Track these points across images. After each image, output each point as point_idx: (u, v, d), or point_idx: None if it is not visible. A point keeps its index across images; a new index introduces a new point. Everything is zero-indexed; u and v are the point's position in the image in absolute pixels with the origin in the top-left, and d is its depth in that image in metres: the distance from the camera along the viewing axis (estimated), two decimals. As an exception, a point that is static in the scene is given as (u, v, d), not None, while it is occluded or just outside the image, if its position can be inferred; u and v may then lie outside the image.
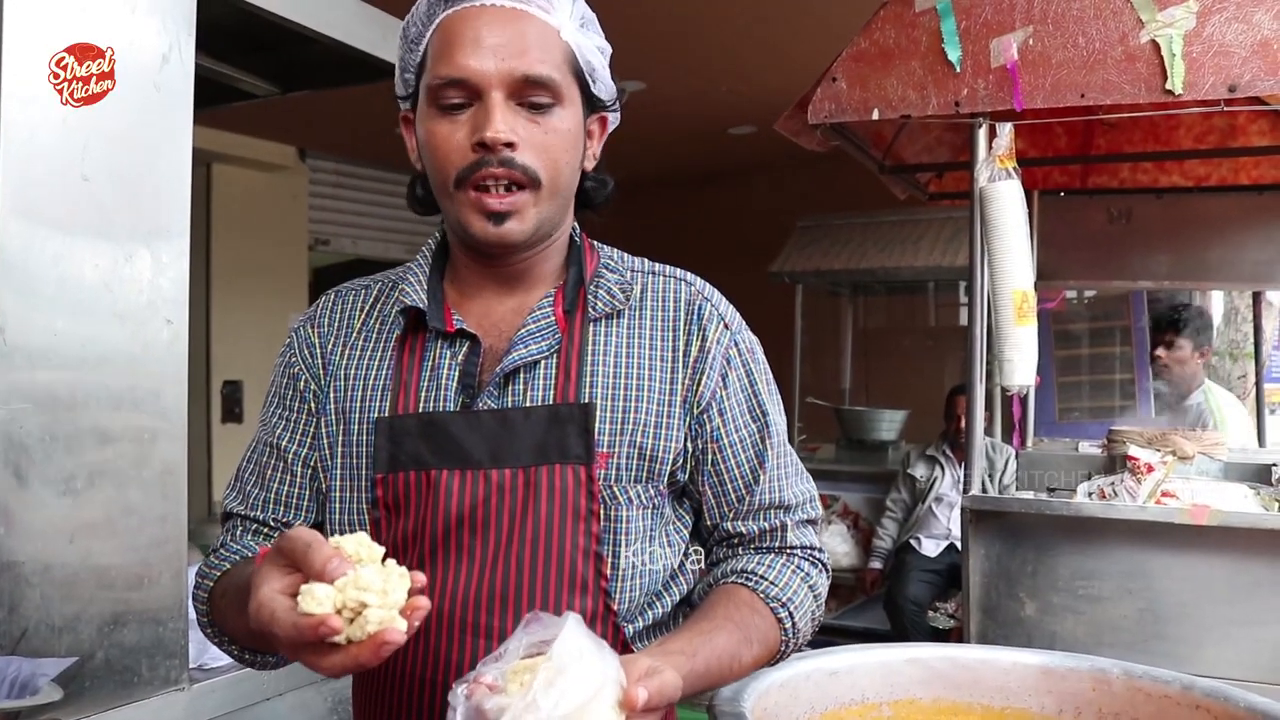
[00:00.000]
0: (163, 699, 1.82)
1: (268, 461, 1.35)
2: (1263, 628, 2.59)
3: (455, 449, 1.22)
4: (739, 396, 1.33)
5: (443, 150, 1.21)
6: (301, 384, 1.34)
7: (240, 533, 1.35)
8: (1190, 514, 2.50)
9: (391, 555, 1.22)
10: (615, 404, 1.25)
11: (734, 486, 1.33)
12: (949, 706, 1.65)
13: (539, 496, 1.21)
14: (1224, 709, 1.49)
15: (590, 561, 1.23)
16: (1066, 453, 3.74)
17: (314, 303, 1.40)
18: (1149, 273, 4.24)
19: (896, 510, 5.46)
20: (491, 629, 1.19)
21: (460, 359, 1.26)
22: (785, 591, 1.30)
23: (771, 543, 1.35)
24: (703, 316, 1.32)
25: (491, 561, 1.21)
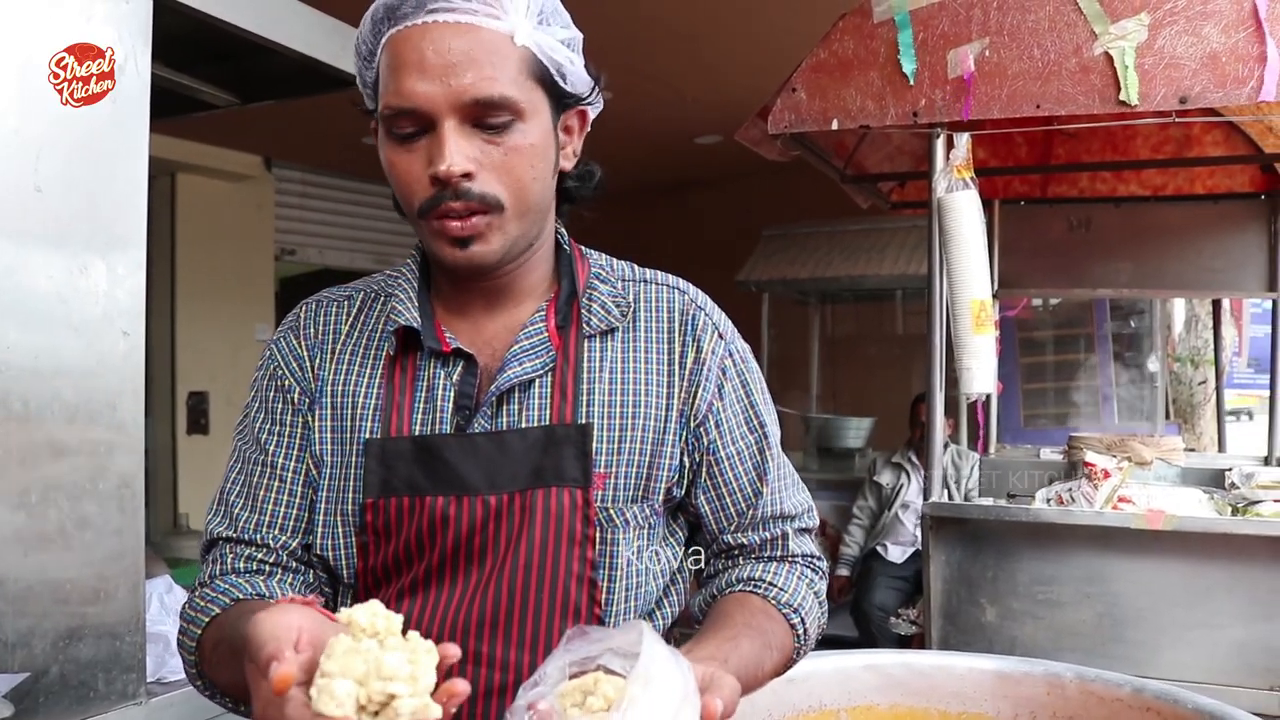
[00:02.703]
0: (119, 714, 1.80)
1: (259, 479, 1.26)
2: (1218, 630, 2.62)
3: (451, 475, 1.17)
4: (735, 408, 1.30)
5: (403, 181, 1.16)
6: (295, 396, 1.26)
7: (231, 560, 1.23)
8: (1146, 519, 2.53)
9: (376, 580, 1.20)
10: (613, 423, 1.22)
11: (734, 500, 1.30)
12: (906, 712, 1.67)
13: (533, 521, 1.17)
14: (1173, 710, 1.52)
15: (584, 587, 1.19)
16: (1028, 459, 3.79)
17: (291, 313, 1.33)
18: (1109, 281, 4.29)
19: (863, 517, 5.49)
20: (480, 655, 1.16)
21: (455, 379, 1.21)
22: (795, 598, 1.29)
23: (774, 552, 1.33)
24: (697, 326, 1.29)
25: (482, 587, 1.17)
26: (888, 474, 5.44)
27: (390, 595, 1.17)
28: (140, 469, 1.86)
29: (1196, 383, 8.40)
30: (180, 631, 1.22)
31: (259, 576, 1.21)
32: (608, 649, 0.97)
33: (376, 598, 1.15)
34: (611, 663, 0.96)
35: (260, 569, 1.22)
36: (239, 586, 1.20)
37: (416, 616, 1.16)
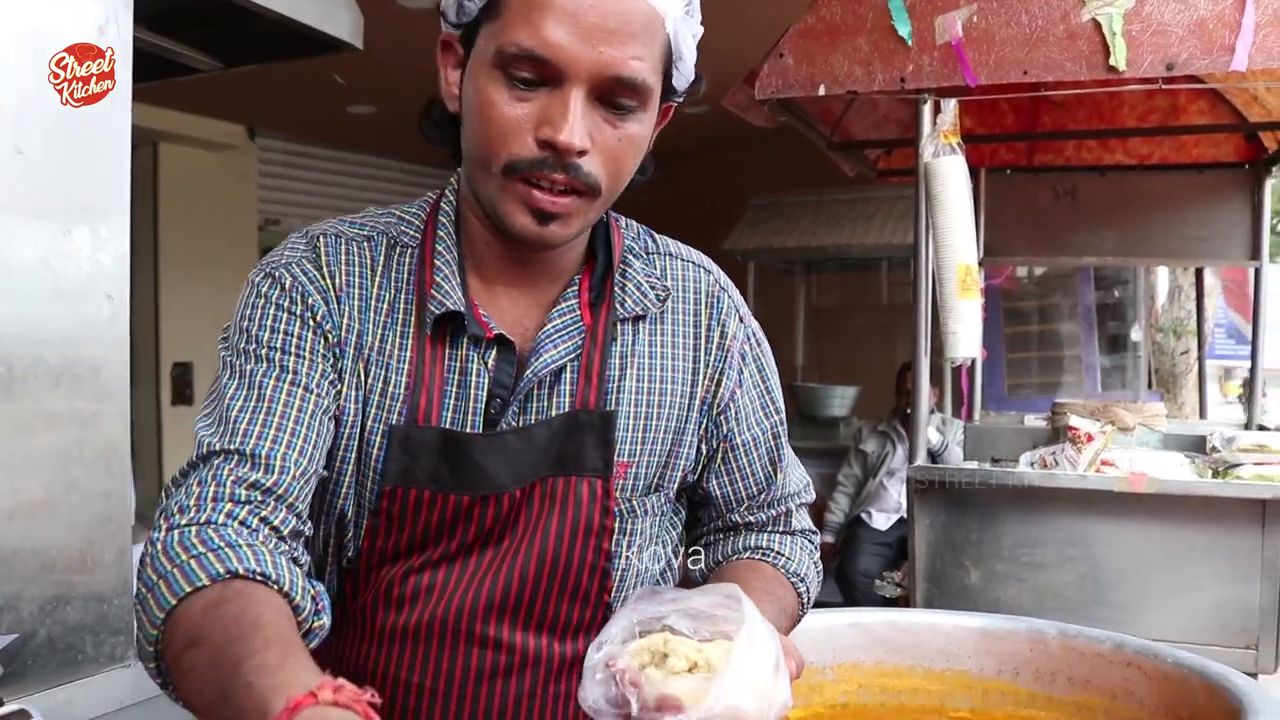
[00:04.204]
0: (107, 676, 1.80)
1: (276, 392, 1.06)
2: (1199, 592, 2.66)
3: (478, 475, 1.11)
4: (753, 393, 1.27)
5: (498, 129, 1.03)
6: (326, 331, 1.11)
7: (230, 484, 0.99)
8: (1128, 482, 2.56)
9: (381, 560, 1.14)
10: (639, 410, 1.17)
11: (746, 485, 1.28)
12: (891, 670, 1.68)
13: (551, 510, 1.14)
14: (1153, 665, 1.54)
15: (596, 576, 1.17)
16: (1012, 426, 3.81)
17: (302, 240, 1.16)
18: (1094, 249, 4.31)
19: (848, 485, 5.52)
20: (487, 638, 1.14)
21: (491, 365, 1.12)
22: (801, 568, 1.30)
23: (777, 527, 1.33)
24: (722, 310, 1.25)
25: (494, 573, 1.13)
26: (873, 442, 5.47)
27: (396, 575, 1.14)
28: (126, 434, 1.85)
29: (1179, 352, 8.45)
30: (146, 586, 0.93)
31: (257, 534, 0.98)
32: (677, 610, 0.97)
33: (379, 575, 1.15)
34: (679, 624, 0.96)
35: (259, 510, 0.99)
36: (236, 549, 0.93)
37: (424, 598, 1.13)
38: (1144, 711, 1.54)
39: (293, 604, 0.92)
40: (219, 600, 0.88)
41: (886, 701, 1.68)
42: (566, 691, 1.17)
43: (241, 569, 0.91)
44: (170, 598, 0.90)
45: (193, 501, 0.98)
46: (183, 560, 0.92)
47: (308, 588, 0.95)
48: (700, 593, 0.99)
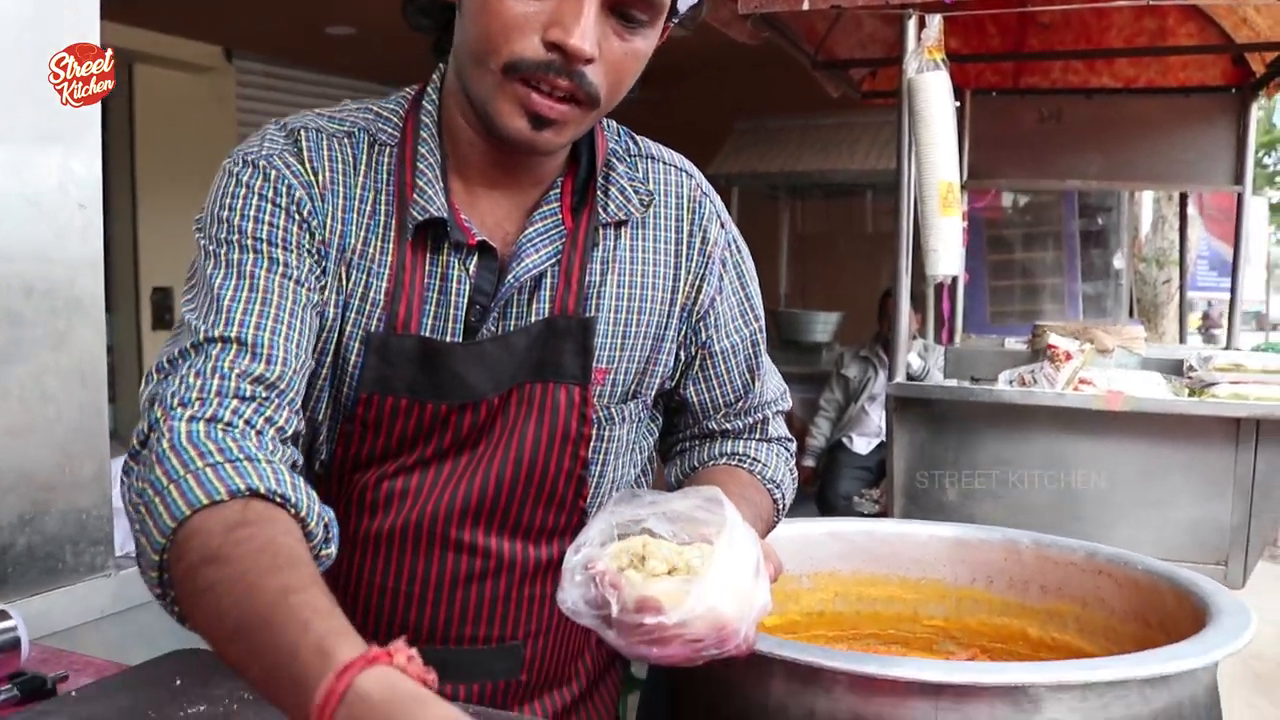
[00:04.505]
0: (89, 585, 1.81)
1: (270, 283, 1.02)
2: (1171, 509, 2.69)
3: (456, 383, 1.09)
4: (732, 300, 1.26)
5: (503, 25, 0.98)
6: (312, 227, 1.07)
7: (235, 377, 0.95)
8: (1105, 400, 2.57)
9: (356, 466, 1.13)
10: (618, 317, 1.16)
11: (724, 393, 1.27)
12: (867, 578, 1.70)
13: (528, 416, 1.12)
14: (1124, 573, 1.56)
15: (572, 484, 1.16)
16: (993, 349, 3.82)
17: (281, 130, 1.12)
18: (1078, 172, 4.30)
19: (830, 409, 5.55)
20: (462, 543, 1.14)
21: (472, 271, 1.10)
22: (777, 474, 1.30)
23: (754, 435, 1.33)
24: (704, 216, 1.22)
25: (469, 477, 1.13)
26: (855, 367, 5.48)
27: (369, 480, 1.13)
28: (102, 348, 1.84)
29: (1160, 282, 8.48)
30: (154, 488, 0.87)
31: (264, 436, 0.94)
32: (656, 512, 0.97)
33: (352, 480, 1.14)
34: (658, 527, 0.96)
35: (263, 409, 0.95)
36: (256, 464, 0.88)
37: (398, 503, 1.13)
38: (1114, 618, 1.57)
39: (306, 529, 0.89)
40: (241, 521, 0.83)
41: (862, 610, 1.71)
42: (542, 594, 1.18)
43: (263, 488, 0.87)
44: (184, 507, 0.85)
45: (195, 394, 0.93)
46: (198, 467, 0.87)
47: (322, 514, 0.92)
48: (680, 495, 0.99)
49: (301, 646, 0.70)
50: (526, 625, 1.18)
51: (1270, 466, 2.64)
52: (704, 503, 0.96)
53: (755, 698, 1.12)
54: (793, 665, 1.08)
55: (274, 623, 0.73)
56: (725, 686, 1.16)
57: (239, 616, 0.76)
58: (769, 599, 0.92)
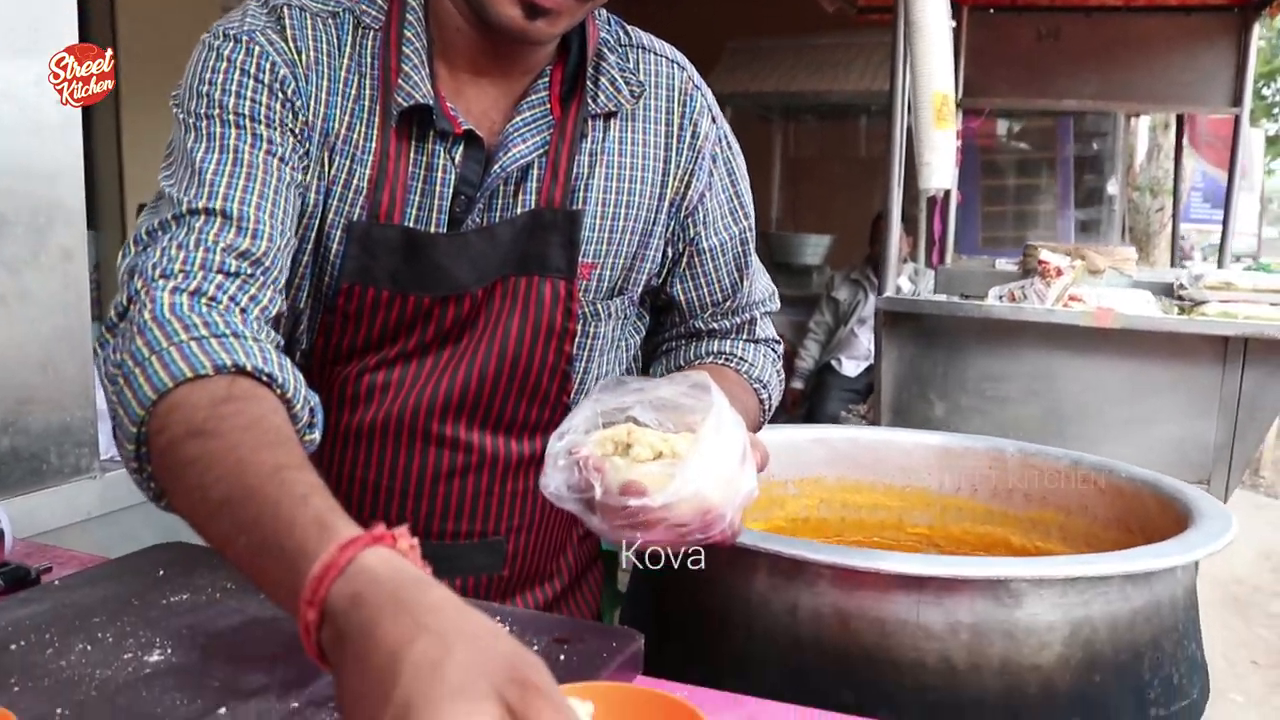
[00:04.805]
0: (74, 486, 1.81)
1: (253, 156, 0.99)
2: (1158, 426, 2.71)
3: (439, 275, 1.07)
4: (722, 197, 1.24)
5: None
6: (296, 106, 1.04)
7: (220, 251, 0.92)
8: (1095, 317, 2.57)
9: (338, 360, 1.11)
10: (605, 210, 1.14)
11: (712, 291, 1.26)
12: (852, 485, 1.71)
13: (512, 310, 1.11)
14: (1108, 481, 1.56)
15: (556, 379, 1.15)
16: (983, 269, 3.82)
17: (263, 7, 1.07)
18: (1075, 92, 4.25)
19: (819, 332, 5.55)
20: (444, 437, 1.13)
21: (458, 161, 1.07)
22: (764, 374, 1.29)
23: (741, 335, 1.32)
24: (695, 109, 1.20)
25: (451, 371, 1.11)
26: (845, 290, 5.47)
27: (350, 373, 1.12)
28: (83, 243, 1.81)
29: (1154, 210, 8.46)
30: (134, 359, 0.84)
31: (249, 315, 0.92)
32: (642, 400, 0.96)
33: (333, 373, 1.13)
34: (643, 415, 0.95)
35: (248, 287, 0.93)
36: (242, 340, 0.86)
37: (379, 396, 1.12)
38: (1096, 525, 1.58)
39: (292, 412, 0.86)
40: (228, 396, 0.81)
41: (847, 516, 1.71)
42: (525, 489, 1.17)
43: (249, 365, 0.84)
44: (166, 379, 0.82)
45: (178, 266, 0.91)
46: (181, 340, 0.84)
47: (308, 398, 0.90)
48: (667, 381, 0.98)
49: (299, 519, 0.66)
50: (509, 520, 1.18)
51: (1257, 386, 2.65)
52: (690, 389, 0.95)
53: (739, 592, 1.12)
54: (776, 558, 1.09)
55: (267, 496, 0.70)
56: (708, 581, 1.17)
57: (226, 491, 0.73)
58: (755, 486, 0.91)
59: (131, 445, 0.84)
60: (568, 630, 1.01)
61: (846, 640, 1.07)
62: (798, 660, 1.09)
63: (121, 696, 0.87)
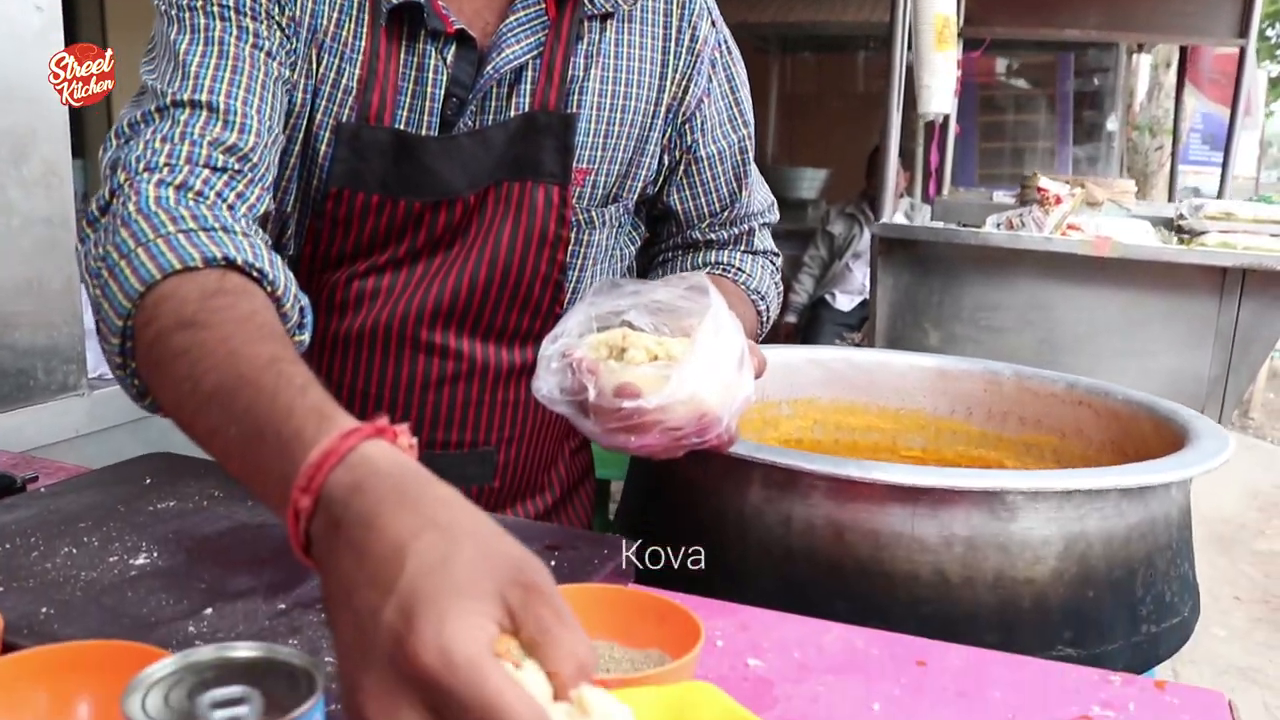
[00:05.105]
0: (62, 403, 1.80)
1: (239, 51, 0.95)
2: (1152, 357, 2.70)
3: (430, 180, 1.05)
4: (721, 104, 1.21)
5: None
6: (282, 3, 1.00)
7: (206, 145, 0.89)
8: (1093, 245, 2.55)
9: (327, 267, 1.09)
10: (600, 115, 1.11)
11: (709, 201, 1.24)
12: (846, 407, 1.69)
13: (505, 216, 1.08)
14: (1104, 404, 1.55)
15: (549, 288, 1.13)
16: (980, 201, 3.78)
17: None
18: (1077, 22, 4.17)
19: (813, 266, 5.52)
20: (433, 345, 1.11)
21: (450, 63, 1.04)
22: (762, 286, 1.28)
23: (739, 246, 1.30)
24: (694, 12, 1.17)
25: (442, 279, 1.09)
26: (840, 224, 5.43)
27: (339, 280, 1.10)
28: (67, 157, 1.78)
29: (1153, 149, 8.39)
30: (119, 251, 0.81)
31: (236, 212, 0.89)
32: (637, 304, 0.94)
33: (322, 280, 1.11)
34: (638, 320, 0.93)
35: (235, 183, 0.91)
36: (231, 235, 0.83)
37: (368, 304, 1.10)
38: (1091, 448, 1.57)
39: (282, 311, 0.83)
40: (219, 289, 0.77)
41: (841, 439, 1.70)
42: (516, 399, 1.16)
43: (240, 260, 0.81)
44: (154, 271, 0.78)
45: (163, 159, 0.88)
46: (169, 232, 0.81)
47: (298, 297, 0.87)
48: (664, 284, 0.96)
49: (297, 407, 0.63)
50: (500, 431, 1.16)
51: (1253, 318, 2.64)
52: (687, 292, 0.93)
53: (732, 503, 1.11)
54: (770, 468, 1.07)
55: (263, 386, 0.66)
56: (701, 492, 1.16)
57: (218, 380, 0.69)
58: (752, 391, 0.90)
59: (116, 339, 0.81)
60: (558, 538, 1.00)
61: (840, 552, 1.06)
62: (791, 572, 1.08)
63: (107, 597, 0.86)
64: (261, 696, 0.58)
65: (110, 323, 0.81)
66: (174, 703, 0.58)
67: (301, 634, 0.81)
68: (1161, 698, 0.85)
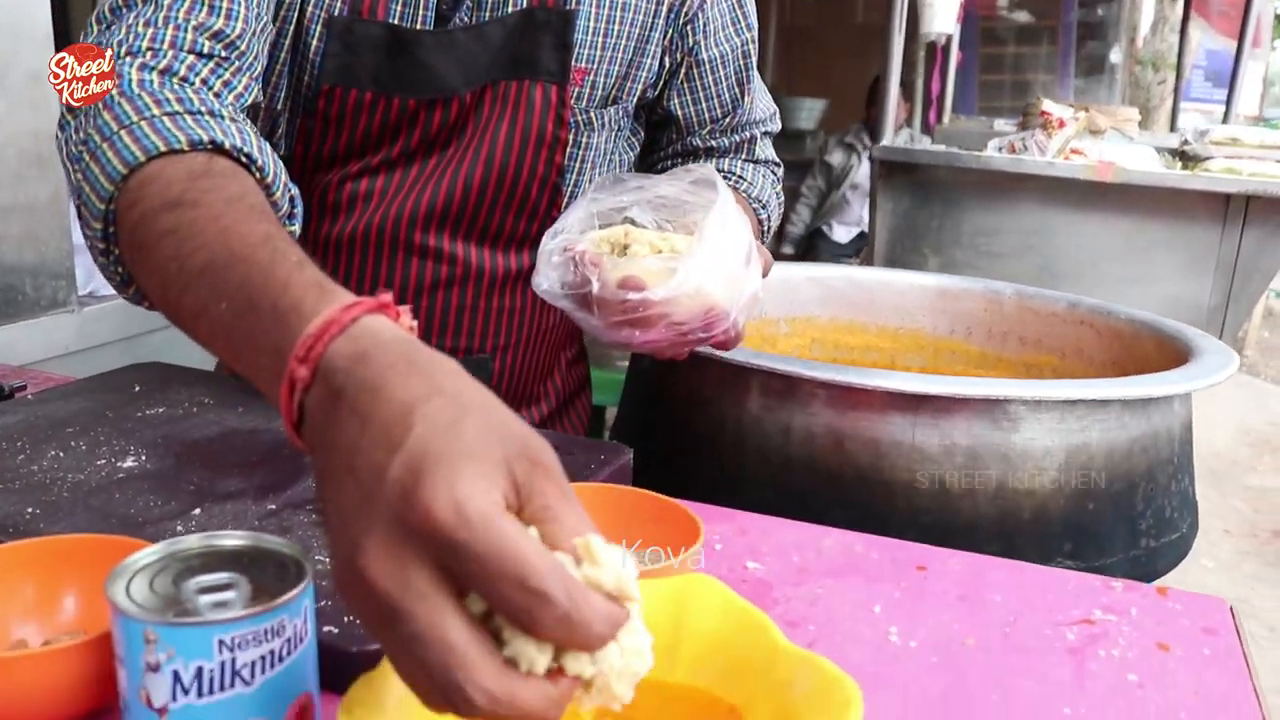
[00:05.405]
0: (51, 319, 1.77)
1: None
2: (1151, 285, 2.68)
3: (425, 76, 1.02)
4: (724, 5, 1.18)
5: None
6: None
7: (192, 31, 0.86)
8: (1096, 170, 2.51)
9: (319, 168, 1.05)
10: (601, 13, 1.08)
11: (710, 107, 1.21)
12: (845, 325, 1.68)
13: (502, 116, 1.05)
14: (1106, 323, 1.53)
15: (546, 191, 1.10)
16: (981, 129, 3.73)
17: None
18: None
19: (811, 196, 5.47)
20: (427, 248, 1.08)
21: None
22: (763, 194, 1.25)
23: (740, 154, 1.27)
24: None
25: (436, 180, 1.06)
26: (839, 154, 5.37)
27: (331, 181, 1.07)
28: (51, 65, 1.74)
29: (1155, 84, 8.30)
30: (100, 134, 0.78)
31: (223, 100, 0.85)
32: (641, 200, 0.91)
33: (313, 181, 1.08)
34: (641, 217, 0.90)
35: (221, 71, 0.87)
36: (219, 119, 0.80)
37: (361, 205, 1.07)
38: (1092, 368, 1.55)
39: (272, 199, 0.80)
40: (206, 171, 0.74)
41: (839, 358, 1.69)
42: (511, 306, 1.14)
43: (228, 144, 0.77)
44: (138, 153, 0.75)
45: (146, 44, 0.83)
46: (153, 114, 0.77)
47: (288, 186, 0.84)
48: (668, 178, 0.93)
49: (295, 281, 0.59)
50: (495, 338, 1.14)
51: (1256, 246, 2.61)
52: (693, 185, 0.90)
53: (730, 412, 1.10)
54: (770, 376, 1.06)
55: (258, 261, 0.62)
56: (699, 402, 1.14)
57: (208, 257, 0.65)
58: (760, 288, 0.87)
59: (99, 224, 0.78)
60: (555, 442, 0.98)
61: (840, 461, 1.05)
62: (789, 482, 1.07)
63: (94, 498, 0.84)
64: (249, 583, 0.57)
65: (92, 206, 0.77)
66: (159, 589, 0.56)
67: (292, 534, 0.79)
68: (1164, 603, 0.84)
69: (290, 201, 0.84)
